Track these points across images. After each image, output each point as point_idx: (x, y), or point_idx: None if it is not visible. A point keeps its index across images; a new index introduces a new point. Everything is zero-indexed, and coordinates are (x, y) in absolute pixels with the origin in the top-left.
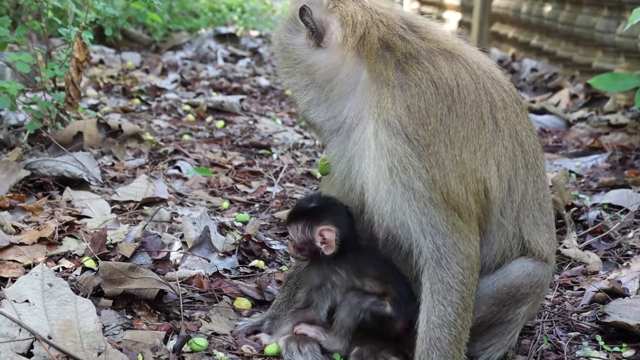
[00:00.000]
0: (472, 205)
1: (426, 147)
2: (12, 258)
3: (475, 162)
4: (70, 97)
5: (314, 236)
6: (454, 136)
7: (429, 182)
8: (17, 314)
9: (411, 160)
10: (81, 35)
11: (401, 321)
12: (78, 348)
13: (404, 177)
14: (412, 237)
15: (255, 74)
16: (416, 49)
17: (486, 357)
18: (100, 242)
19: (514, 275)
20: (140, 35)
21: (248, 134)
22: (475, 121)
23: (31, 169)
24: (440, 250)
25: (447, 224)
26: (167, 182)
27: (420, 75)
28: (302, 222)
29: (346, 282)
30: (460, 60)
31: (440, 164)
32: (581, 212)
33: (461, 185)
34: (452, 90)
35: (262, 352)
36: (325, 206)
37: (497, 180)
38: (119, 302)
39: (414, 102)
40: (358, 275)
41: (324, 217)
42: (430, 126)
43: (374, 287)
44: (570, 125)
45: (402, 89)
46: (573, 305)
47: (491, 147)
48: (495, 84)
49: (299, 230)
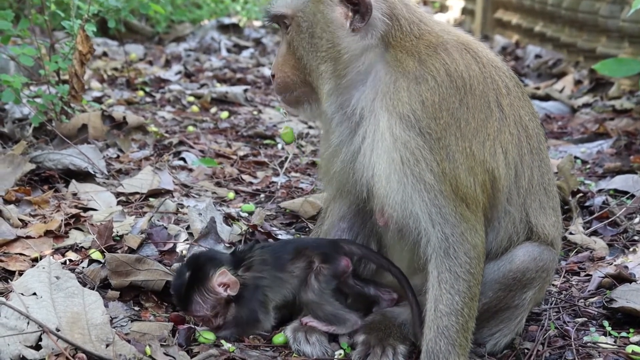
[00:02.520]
0: (480, 196)
1: (437, 141)
2: (19, 251)
3: (484, 153)
4: (74, 89)
5: (215, 291)
6: (465, 129)
7: (439, 175)
8: (25, 306)
9: (423, 153)
10: (84, 27)
11: (343, 261)
12: (86, 340)
13: (415, 169)
14: (422, 226)
15: (258, 64)
16: (430, 41)
17: (493, 343)
18: (106, 234)
19: (520, 260)
20: (143, 27)
21: (252, 124)
22: (484, 111)
23: (36, 162)
24: (449, 239)
25: (455, 214)
26: (173, 174)
27: (438, 67)
28: (196, 294)
29: (272, 281)
30: (470, 51)
31: (450, 157)
32: (587, 198)
33: (470, 176)
34: (465, 83)
35: (269, 342)
36: (197, 265)
37: (504, 168)
38: (126, 294)
39: (429, 96)
40: (279, 268)
41: (206, 272)
42: (442, 120)
43: (299, 265)
44: (575, 111)
45: (418, 81)
46: (580, 291)
47: (499, 135)
48: (499, 71)
49: (200, 302)
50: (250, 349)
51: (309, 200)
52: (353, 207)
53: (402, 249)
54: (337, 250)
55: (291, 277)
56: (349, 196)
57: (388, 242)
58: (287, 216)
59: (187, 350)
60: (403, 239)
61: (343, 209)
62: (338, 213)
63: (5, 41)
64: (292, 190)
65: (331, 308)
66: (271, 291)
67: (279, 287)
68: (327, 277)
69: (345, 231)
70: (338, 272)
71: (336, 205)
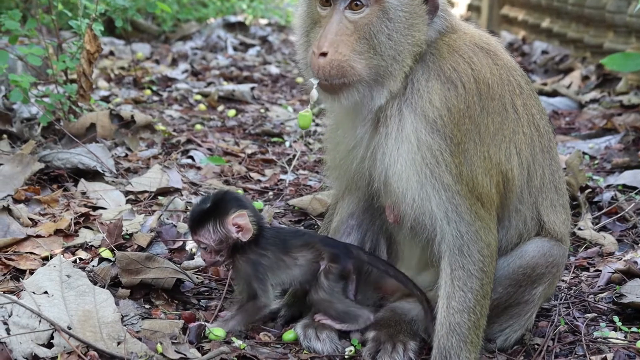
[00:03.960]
0: (494, 196)
1: (457, 145)
2: (29, 250)
3: (500, 156)
4: (82, 88)
5: (227, 228)
6: (484, 133)
7: (456, 176)
8: (36, 305)
9: (444, 156)
10: (92, 26)
11: (349, 264)
12: (98, 338)
13: (436, 170)
14: (437, 224)
15: (265, 62)
16: (464, 41)
17: (504, 339)
18: (116, 232)
19: (530, 255)
20: (150, 26)
21: (260, 122)
22: (501, 113)
23: (45, 161)
24: (464, 237)
25: (470, 213)
26: (181, 172)
27: (468, 74)
28: (210, 222)
29: (275, 262)
30: (490, 53)
31: (468, 160)
32: (595, 193)
33: (486, 177)
34: (488, 89)
35: (279, 339)
36: (221, 198)
37: (518, 169)
38: (136, 292)
39: (456, 103)
40: (284, 251)
41: (227, 207)
42: (464, 126)
43: (305, 255)
44: (583, 107)
45: (448, 87)
46: (589, 287)
47: (513, 136)
48: (512, 71)
49: (210, 231)
50: (260, 346)
51: (317, 197)
52: (362, 204)
53: (413, 245)
54: (347, 252)
55: (293, 264)
56: (359, 192)
57: (398, 238)
58: (296, 213)
59: (198, 348)
60: (414, 236)
61: (352, 206)
62: (347, 210)
63: (13, 41)
64: (300, 187)
65: (343, 306)
66: (271, 271)
67: (278, 269)
68: (336, 277)
69: (354, 228)
70: (345, 273)
71: (345, 203)
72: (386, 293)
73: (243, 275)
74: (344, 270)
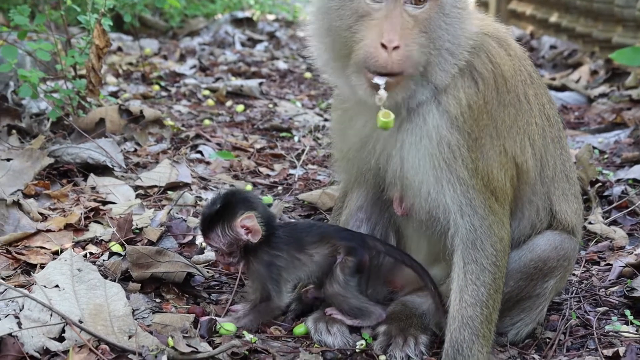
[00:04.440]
0: (509, 189)
1: (475, 141)
2: (39, 245)
3: (515, 149)
4: (91, 83)
5: (236, 231)
6: (500, 127)
7: (472, 170)
8: (47, 299)
9: (462, 151)
10: (101, 21)
11: (365, 257)
12: (109, 332)
13: (453, 165)
14: (451, 217)
15: (273, 57)
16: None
17: (515, 332)
18: (126, 227)
19: (541, 249)
20: (157, 22)
21: (268, 117)
22: (515, 105)
23: (55, 156)
24: (477, 231)
25: (484, 207)
26: (190, 167)
27: (489, 69)
28: (218, 226)
29: (290, 261)
30: (503, 44)
31: (484, 155)
32: (605, 187)
33: (501, 171)
34: (505, 83)
35: (290, 333)
36: (230, 200)
37: (532, 160)
38: (147, 286)
39: (477, 99)
40: (298, 249)
41: (235, 209)
42: (482, 122)
43: (320, 250)
44: (592, 102)
45: (470, 84)
46: (600, 281)
47: (527, 127)
48: (523, 61)
49: (219, 235)
50: (271, 340)
51: (327, 192)
52: (370, 196)
53: (421, 238)
54: (363, 244)
55: (309, 261)
56: (368, 185)
57: (406, 232)
58: (305, 208)
59: (209, 342)
60: (423, 229)
61: (360, 199)
62: (356, 203)
63: (22, 36)
64: (309, 182)
65: (356, 301)
66: (286, 271)
67: (294, 267)
68: (352, 270)
69: (364, 221)
70: (361, 267)
71: (353, 195)
72: (396, 287)
73: (257, 276)
74: (361, 264)
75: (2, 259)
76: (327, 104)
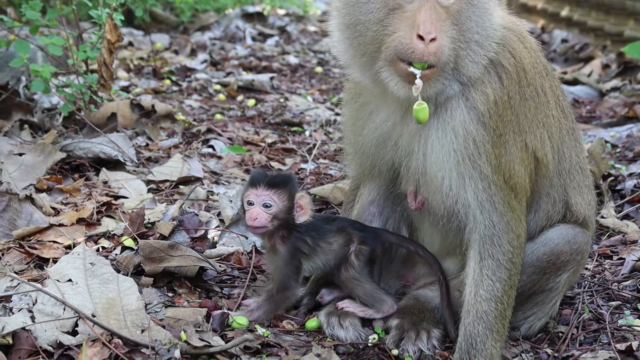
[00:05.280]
0: (527, 185)
1: (499, 137)
2: (52, 239)
3: (535, 143)
4: (102, 78)
5: (293, 202)
6: (522, 122)
7: (496, 167)
8: (61, 293)
9: (486, 147)
10: (112, 16)
11: (378, 247)
12: (122, 325)
13: (477, 161)
14: (470, 212)
15: (284, 52)
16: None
17: (528, 327)
18: (138, 221)
19: (554, 242)
20: (168, 17)
21: (279, 111)
22: (534, 99)
23: (67, 150)
24: (495, 227)
25: (504, 204)
26: (202, 161)
27: (511, 63)
28: (287, 189)
29: (312, 249)
30: (520, 37)
31: (507, 150)
32: (618, 181)
33: (521, 167)
34: (526, 76)
35: (302, 327)
36: (288, 178)
37: (550, 154)
38: (159, 280)
39: (502, 95)
40: (321, 237)
41: (293, 186)
42: (506, 118)
43: (338, 239)
44: (604, 95)
45: (495, 79)
46: (613, 275)
47: (546, 120)
48: (537, 52)
49: (283, 197)
50: (284, 334)
51: (338, 186)
52: (383, 190)
53: (434, 233)
54: (375, 236)
55: (329, 249)
56: (380, 179)
57: (419, 226)
58: (317, 202)
59: (221, 336)
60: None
61: (373, 193)
62: (368, 197)
63: (33, 31)
64: (321, 176)
65: (370, 287)
66: (306, 259)
67: (315, 255)
68: (365, 258)
69: (376, 215)
70: (373, 257)
71: (365, 189)
72: (408, 281)
73: (279, 261)
74: (373, 253)
75: (15, 253)
76: (338, 98)
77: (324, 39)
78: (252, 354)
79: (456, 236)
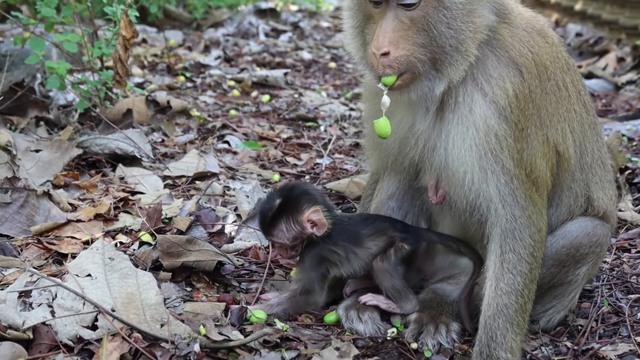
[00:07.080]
0: (549, 179)
1: (521, 131)
2: (70, 234)
3: (557, 137)
4: (118, 74)
5: (303, 225)
6: (544, 116)
7: (518, 161)
8: (80, 287)
9: (508, 141)
10: (127, 12)
11: (420, 247)
12: (141, 320)
13: (499, 156)
14: (492, 207)
15: (297, 47)
16: (524, 22)
17: (547, 320)
18: (155, 216)
19: (573, 235)
20: (181, 14)
21: (294, 107)
22: (556, 93)
23: (83, 147)
24: (517, 221)
25: (525, 197)
26: (218, 157)
27: (530, 58)
28: (282, 221)
29: (345, 258)
30: (542, 33)
31: (529, 144)
32: (635, 174)
33: (543, 161)
34: (546, 71)
35: (321, 321)
36: (291, 195)
37: (572, 148)
38: (177, 275)
39: (522, 89)
40: (357, 243)
41: (300, 203)
42: (528, 112)
43: (378, 243)
44: (619, 89)
45: (515, 73)
46: (632, 268)
47: (567, 115)
48: (559, 47)
49: (284, 230)
50: (303, 328)
51: (354, 180)
52: (402, 185)
53: (453, 227)
54: (419, 237)
55: (367, 254)
56: (400, 173)
57: (438, 220)
58: (333, 197)
59: (240, 330)
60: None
61: (392, 187)
62: (386, 192)
63: (49, 28)
64: (336, 171)
65: (400, 284)
66: (335, 267)
67: (348, 262)
68: (404, 256)
69: (395, 210)
70: (414, 256)
71: (384, 184)
72: (426, 275)
73: (306, 268)
74: (414, 253)
75: (33, 249)
76: (352, 93)
77: (337, 35)
78: (271, 348)
79: (477, 230)
